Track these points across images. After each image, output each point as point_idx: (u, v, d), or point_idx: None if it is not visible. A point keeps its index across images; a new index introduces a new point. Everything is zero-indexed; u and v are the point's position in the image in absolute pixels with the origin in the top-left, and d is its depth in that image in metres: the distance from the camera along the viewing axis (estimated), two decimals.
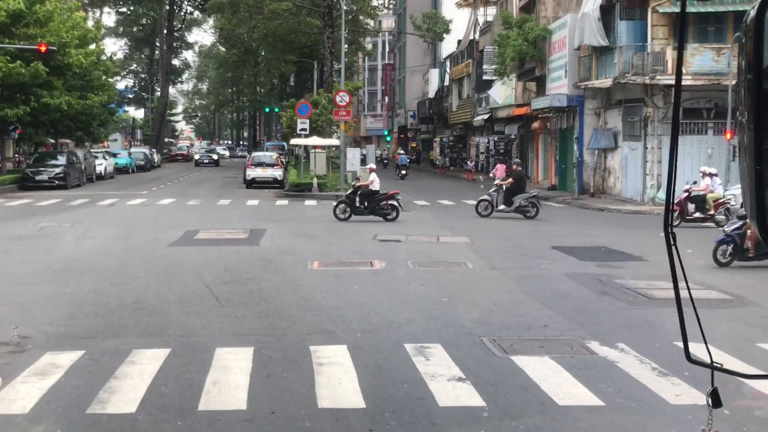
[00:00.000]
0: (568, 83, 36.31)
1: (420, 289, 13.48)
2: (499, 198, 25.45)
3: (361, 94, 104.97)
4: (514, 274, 14.96)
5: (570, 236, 21.27)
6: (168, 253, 17.36)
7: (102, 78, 49.85)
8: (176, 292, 12.88)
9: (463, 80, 63.05)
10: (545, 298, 12.68)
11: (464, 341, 9.87)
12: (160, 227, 22.44)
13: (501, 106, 49.46)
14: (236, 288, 13.29)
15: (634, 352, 9.40)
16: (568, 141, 39.33)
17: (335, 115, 38.14)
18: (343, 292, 13.04)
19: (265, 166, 41.95)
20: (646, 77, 30.42)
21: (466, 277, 14.67)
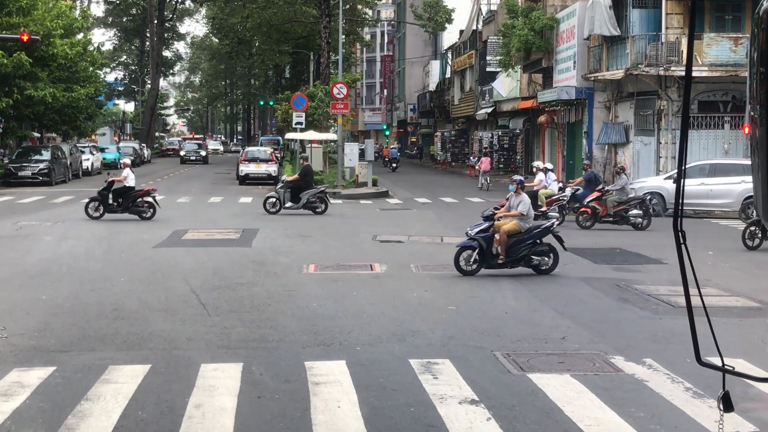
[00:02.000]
0: (577, 75, 35.91)
1: (425, 295, 13.06)
2: (286, 195, 25.29)
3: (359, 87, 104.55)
4: (525, 279, 14.56)
5: (582, 237, 20.90)
6: (153, 255, 17.00)
7: (89, 69, 49.21)
8: (160, 299, 12.45)
9: (466, 72, 62.60)
10: (561, 306, 12.24)
11: (475, 356, 9.38)
12: (147, 227, 22.07)
13: (505, 99, 49.07)
14: (225, 294, 12.86)
15: (663, 369, 8.88)
16: (576, 136, 38.90)
17: (332, 108, 37.67)
18: (341, 299, 12.62)
19: (259, 161, 41.57)
20: (659, 68, 30.00)
21: (474, 282, 14.25)
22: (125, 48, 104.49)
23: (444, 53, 71.77)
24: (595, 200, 22.67)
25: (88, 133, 56.48)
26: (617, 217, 22.49)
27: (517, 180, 15.48)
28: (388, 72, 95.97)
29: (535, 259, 14.64)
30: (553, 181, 24.24)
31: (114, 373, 8.48)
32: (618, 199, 22.63)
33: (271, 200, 25.67)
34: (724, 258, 17.36)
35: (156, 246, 18.39)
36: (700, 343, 2.97)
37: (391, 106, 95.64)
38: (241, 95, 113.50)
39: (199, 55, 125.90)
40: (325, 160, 43.46)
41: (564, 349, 9.68)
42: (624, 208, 22.57)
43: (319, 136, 41.79)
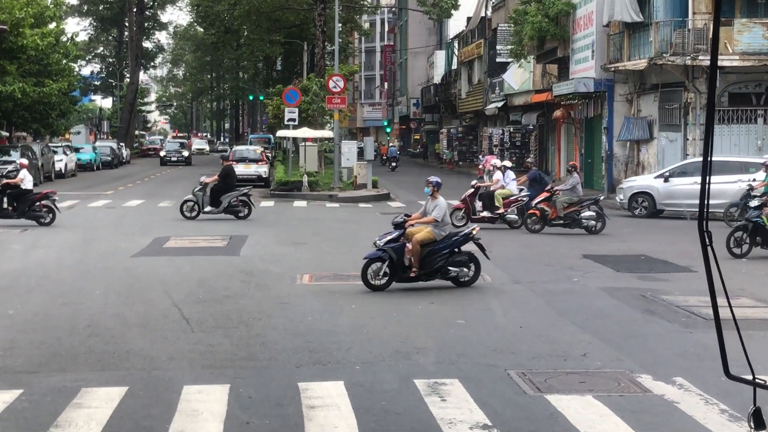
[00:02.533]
0: (596, 65, 35.84)
1: (431, 308, 12.99)
2: (205, 198, 25.09)
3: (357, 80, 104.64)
4: (541, 289, 14.51)
5: (603, 243, 20.89)
6: (132, 265, 16.94)
7: (62, 62, 49.27)
8: (139, 314, 12.38)
9: (474, 63, 62.56)
10: (581, 319, 12.17)
11: (487, 375, 9.29)
12: (125, 233, 22.05)
13: (517, 93, 49.00)
14: (211, 308, 12.78)
15: (696, 389, 8.78)
16: (595, 132, 38.82)
17: (328, 103, 37.59)
18: (338, 313, 12.55)
19: (249, 161, 41.56)
20: (686, 57, 29.92)
21: (485, 293, 14.19)
22: (102, 38, 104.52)
23: (450, 42, 71.78)
24: (544, 201, 22.51)
25: (62, 131, 56.47)
26: (568, 219, 22.32)
27: (432, 181, 14.87)
28: (388, 63, 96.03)
29: (452, 270, 14.19)
30: (512, 180, 23.97)
31: (87, 397, 8.38)
32: (568, 199, 22.45)
33: (188, 204, 25.38)
34: (760, 265, 17.25)
35: (135, 255, 18.31)
36: (733, 358, 2.89)
37: (392, 100, 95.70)
38: (229, 90, 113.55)
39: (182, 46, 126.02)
40: (320, 160, 43.39)
41: (585, 368, 9.60)
42: (575, 210, 22.40)
43: (313, 134, 41.71)
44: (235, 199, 25.32)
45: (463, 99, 64.63)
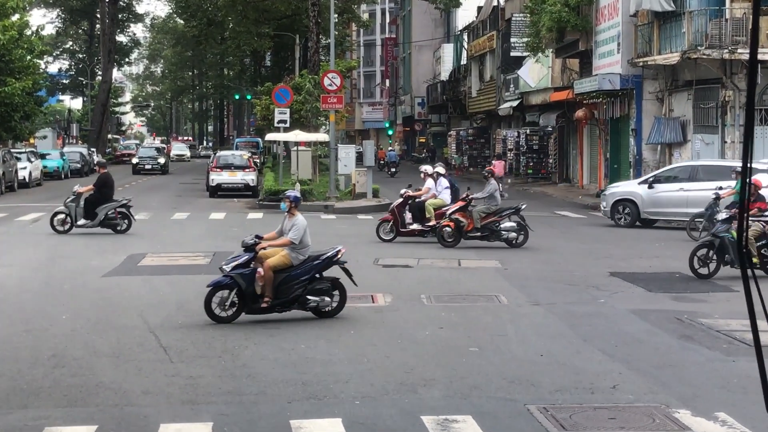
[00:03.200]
0: (622, 60, 35.82)
1: (440, 334, 12.93)
2: (78, 210, 24.90)
3: (355, 77, 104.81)
4: (563, 312, 14.46)
5: (632, 258, 20.89)
6: (103, 286, 16.88)
7: (26, 58, 49.25)
8: (111, 342, 12.32)
9: (485, 58, 62.60)
10: (609, 346, 12.12)
11: (504, 410, 9.24)
12: (96, 251, 21.95)
13: (534, 90, 48.97)
14: (192, 335, 12.72)
15: (740, 426, 8.77)
16: (621, 134, 38.78)
17: (323, 103, 37.56)
18: (335, 339, 12.50)
19: (234, 168, 41.49)
20: (723, 51, 29.92)
21: (501, 317, 14.14)
22: (71, 32, 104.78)
23: (459, 35, 71.86)
24: (459, 212, 22.37)
25: (26, 135, 56.42)
26: (486, 231, 22.24)
27: (290, 196, 14.26)
28: (390, 58, 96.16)
29: (312, 299, 13.61)
30: (444, 189, 23.78)
31: None
32: (486, 209, 22.39)
33: (59, 217, 25.04)
34: None
35: (106, 275, 18.24)
36: None
37: (394, 99, 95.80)
38: (212, 88, 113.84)
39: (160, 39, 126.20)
40: (314, 167, 43.33)
41: (616, 402, 9.53)
42: (494, 221, 22.34)
43: (307, 137, 41.64)
44: (113, 211, 25.08)
45: (474, 98, 64.63)
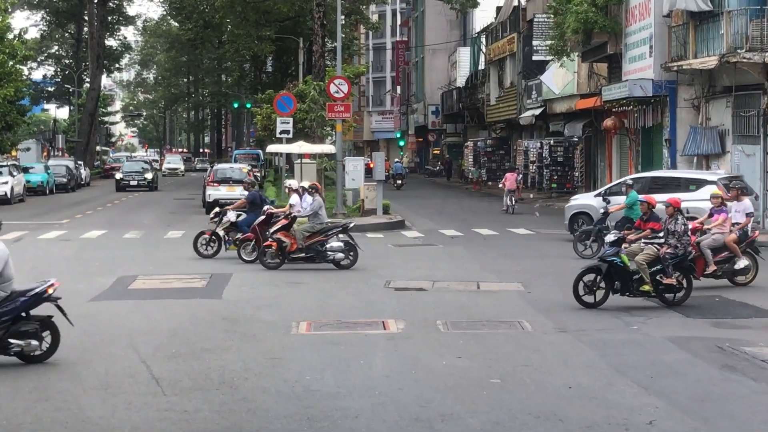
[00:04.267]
0: (655, 64, 35.73)
1: (457, 364, 12.89)
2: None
3: (364, 83, 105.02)
4: (593, 340, 14.39)
5: None
6: (90, 312, 16.82)
7: (8, 64, 49.45)
8: (98, 373, 12.28)
9: (505, 62, 62.61)
10: (644, 378, 12.05)
11: None
12: (83, 272, 21.96)
13: (558, 97, 48.92)
14: (186, 365, 12.70)
15: None
16: (654, 145, 38.67)
17: (329, 112, 37.52)
18: (344, 370, 12.47)
19: (233, 183, 41.44)
20: (765, 54, 29.84)
21: (524, 345, 14.10)
22: (57, 36, 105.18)
23: (476, 37, 71.91)
24: (282, 231, 22.24)
25: (7, 147, 56.63)
26: (311, 252, 22.13)
27: None
28: (402, 63, 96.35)
29: (14, 343, 12.61)
30: (310, 205, 23.51)
31: None
32: (310, 228, 22.28)
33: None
34: None
35: (93, 299, 18.25)
36: None
37: (406, 108, 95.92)
38: (209, 96, 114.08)
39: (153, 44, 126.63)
40: (319, 181, 43.28)
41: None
42: (319, 240, 22.17)
43: (311, 149, 41.65)
44: None
45: (493, 106, 64.62)
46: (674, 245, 17.14)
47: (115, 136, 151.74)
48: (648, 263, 16.99)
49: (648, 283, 16.95)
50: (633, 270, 17.10)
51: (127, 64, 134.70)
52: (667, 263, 16.98)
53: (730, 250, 19.31)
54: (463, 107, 72.61)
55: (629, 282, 17.07)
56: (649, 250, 17.17)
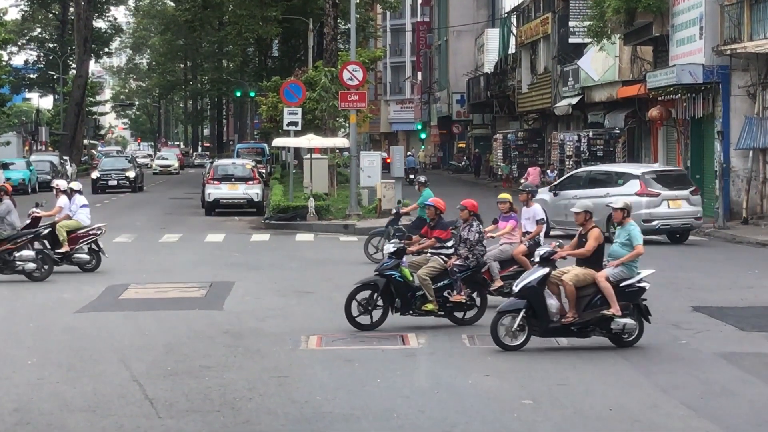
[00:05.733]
0: (705, 47, 35.57)
1: (486, 383, 12.89)
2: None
3: (380, 69, 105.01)
4: (636, 356, 14.37)
5: (719, 289, 20.79)
6: (77, 324, 16.88)
7: None
8: (86, 393, 12.31)
9: (538, 46, 62.47)
10: (694, 398, 12.04)
11: None
12: (68, 280, 21.99)
13: (598, 85, 48.77)
14: (184, 384, 12.72)
15: None
16: (705, 137, 38.55)
17: (342, 101, 37.52)
18: (358, 390, 12.48)
19: (235, 180, 41.53)
20: None
21: (560, 362, 14.09)
22: (39, 17, 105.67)
23: (506, 18, 71.82)
24: None
25: None
26: None
27: None
28: (423, 47, 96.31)
29: None
30: (81, 208, 23.32)
31: None
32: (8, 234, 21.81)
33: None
34: None
35: (81, 310, 18.25)
36: None
37: (428, 96, 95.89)
38: (209, 84, 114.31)
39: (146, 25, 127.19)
40: (331, 178, 43.28)
41: None
42: (7, 249, 21.63)
43: (322, 143, 41.67)
44: None
45: (525, 94, 64.48)
46: (465, 256, 16.29)
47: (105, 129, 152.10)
48: (432, 278, 16.14)
49: (432, 301, 16.05)
50: (417, 285, 16.26)
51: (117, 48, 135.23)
52: (455, 277, 16.16)
53: (519, 263, 17.96)
54: (492, 95, 72.44)
55: (411, 299, 16.16)
56: (435, 263, 16.32)
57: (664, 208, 28.85)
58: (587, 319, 14.50)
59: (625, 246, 14.87)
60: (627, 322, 14.52)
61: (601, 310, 14.45)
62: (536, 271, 14.65)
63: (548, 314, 14.43)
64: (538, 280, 14.46)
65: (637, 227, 15.16)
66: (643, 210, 28.27)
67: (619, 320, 14.45)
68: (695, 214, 29.42)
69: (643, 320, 14.75)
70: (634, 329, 14.66)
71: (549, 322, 14.43)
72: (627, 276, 14.73)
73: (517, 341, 14.40)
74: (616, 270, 14.73)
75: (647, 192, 28.63)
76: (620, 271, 14.72)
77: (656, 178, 29.44)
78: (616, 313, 14.39)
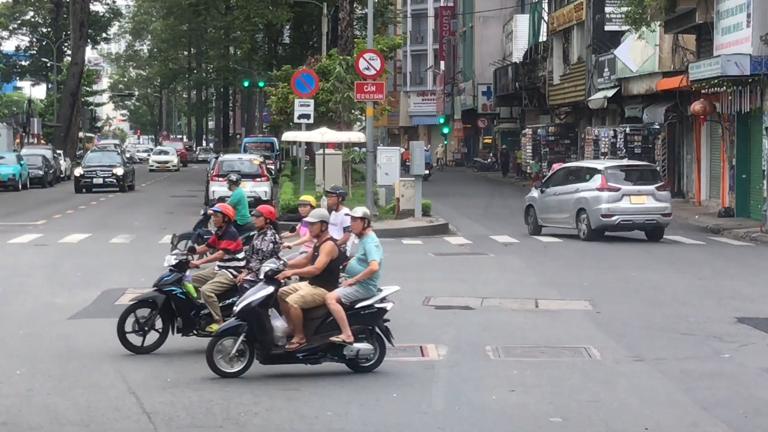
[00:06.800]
0: (753, 36, 35.46)
1: (512, 398, 12.86)
2: None
3: (400, 58, 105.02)
4: (674, 371, 14.32)
5: (765, 299, 20.66)
6: (70, 332, 16.90)
7: None
8: (78, 405, 12.33)
9: (571, 33, 62.42)
10: (737, 417, 12.02)
11: None
12: (61, 284, 22.01)
13: (636, 76, 48.66)
14: (185, 397, 12.74)
15: None
16: (752, 134, 38.48)
17: (358, 92, 37.47)
18: (372, 405, 12.49)
19: (242, 177, 41.47)
20: None
21: (592, 376, 14.04)
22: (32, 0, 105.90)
23: (536, 3, 71.77)
24: None
25: None
26: None
27: None
28: (446, 34, 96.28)
29: None
30: None
31: None
32: None
33: None
34: None
35: (74, 316, 18.27)
36: None
37: (451, 88, 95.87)
38: (215, 73, 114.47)
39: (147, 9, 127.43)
40: (345, 175, 43.29)
41: None
42: None
43: (336, 137, 41.68)
44: None
45: (556, 85, 64.44)
46: (257, 269, 15.00)
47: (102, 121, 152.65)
48: (219, 294, 15.42)
49: (218, 321, 14.96)
50: (202, 303, 15.38)
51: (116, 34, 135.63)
52: None
53: None
54: (520, 87, 72.37)
55: (195, 318, 15.32)
56: (222, 277, 15.64)
57: (625, 203, 30.28)
58: (315, 345, 13.71)
59: (362, 261, 14.22)
60: (362, 348, 13.75)
61: (330, 335, 13.67)
62: (260, 290, 13.83)
63: (271, 338, 13.65)
64: (259, 300, 13.65)
65: (375, 240, 14.52)
66: (603, 205, 30.02)
67: (352, 346, 13.66)
68: (662, 211, 30.65)
69: (386, 342, 13.99)
70: (372, 354, 13.89)
71: (271, 347, 13.66)
72: (363, 296, 13.98)
73: (235, 368, 13.59)
74: (350, 290, 13.97)
75: (607, 187, 30.10)
76: (355, 291, 13.95)
77: (620, 174, 31.15)
78: (346, 339, 13.59)
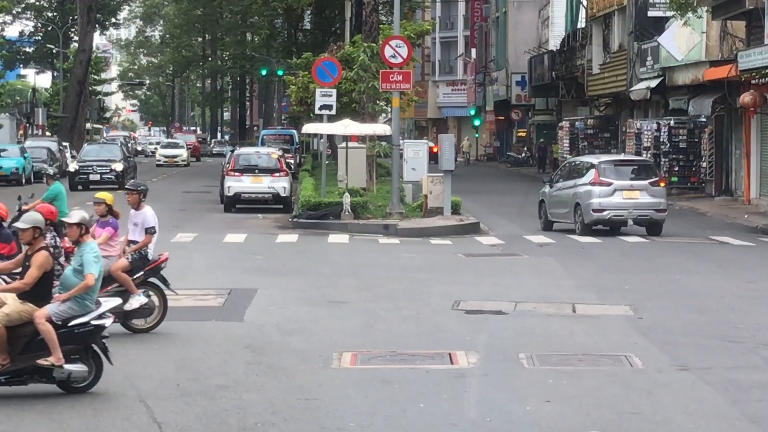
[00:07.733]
0: None
1: (546, 410, 12.86)
2: None
3: (428, 46, 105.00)
4: (722, 381, 14.29)
5: None
6: None
7: None
8: (85, 414, 12.41)
9: (612, 19, 62.32)
10: None
11: None
12: None
13: (681, 65, 48.57)
14: (197, 406, 12.79)
15: None
16: None
17: (383, 82, 37.51)
18: (397, 416, 12.50)
19: (259, 172, 41.63)
20: None
21: (633, 387, 14.02)
22: None
23: None
24: None
25: None
26: None
27: None
28: (478, 20, 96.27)
29: None
30: None
31: None
32: None
33: None
34: None
35: None
36: None
37: (483, 77, 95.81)
38: (231, 61, 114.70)
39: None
40: (370, 171, 43.29)
41: None
42: None
43: (360, 129, 41.67)
44: None
45: (596, 75, 64.35)
46: None
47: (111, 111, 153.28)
48: None
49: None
50: None
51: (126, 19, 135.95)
52: None
53: (118, 281, 16.98)
54: (557, 77, 72.34)
55: None
56: None
57: (618, 198, 31.60)
58: (20, 367, 12.91)
59: (78, 273, 13.34)
60: (74, 370, 12.97)
61: (38, 357, 12.88)
62: None
63: None
64: None
65: (94, 250, 13.62)
66: (594, 199, 31.31)
67: (63, 368, 12.87)
68: (655, 206, 31.86)
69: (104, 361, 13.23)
70: (85, 376, 13.11)
71: None
72: (78, 312, 13.17)
73: None
74: (63, 307, 13.13)
75: (599, 181, 31.48)
76: (68, 308, 13.13)
77: (614, 168, 32.54)
78: (56, 362, 12.78)
